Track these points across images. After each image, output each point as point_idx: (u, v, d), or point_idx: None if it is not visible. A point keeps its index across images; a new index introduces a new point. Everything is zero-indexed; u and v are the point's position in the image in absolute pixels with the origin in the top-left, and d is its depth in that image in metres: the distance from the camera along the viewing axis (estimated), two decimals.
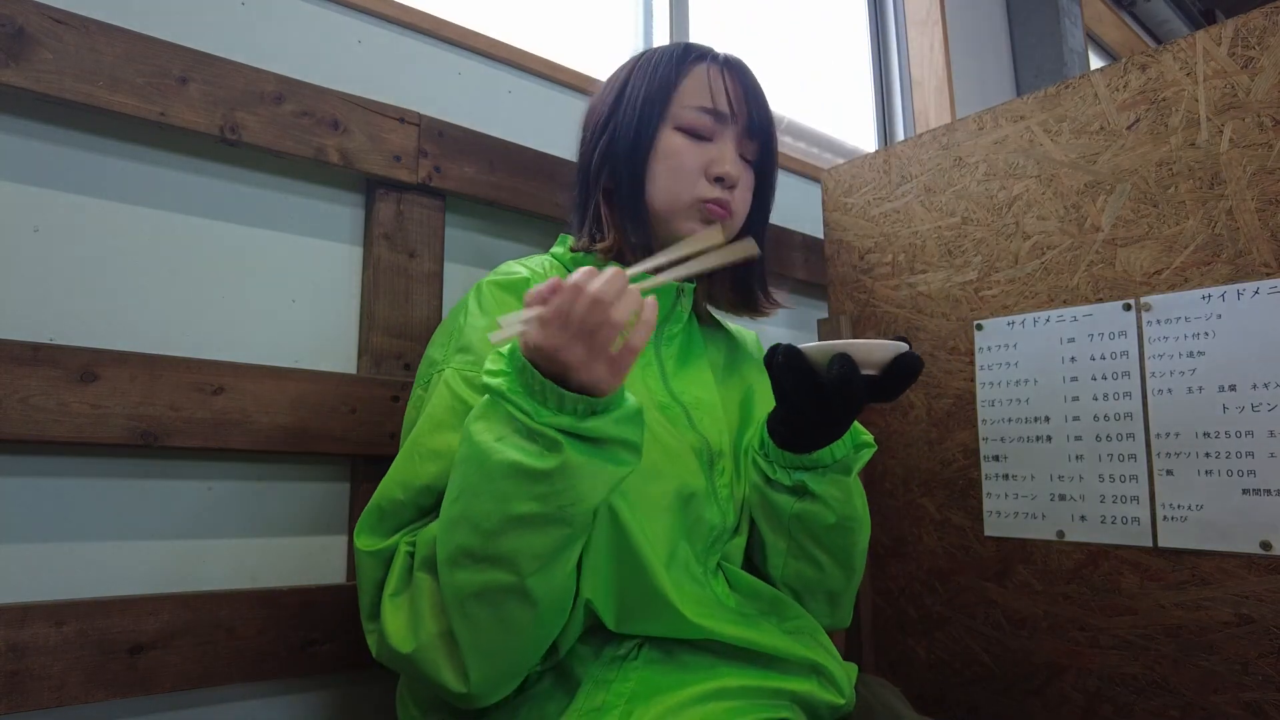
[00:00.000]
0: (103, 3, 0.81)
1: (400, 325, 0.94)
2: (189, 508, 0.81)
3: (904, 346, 0.67)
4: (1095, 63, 2.86)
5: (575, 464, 0.57)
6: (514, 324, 0.56)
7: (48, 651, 0.68)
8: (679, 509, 0.73)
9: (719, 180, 0.81)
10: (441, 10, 1.12)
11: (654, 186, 0.82)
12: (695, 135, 0.82)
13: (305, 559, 0.88)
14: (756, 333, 1.02)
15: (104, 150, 0.81)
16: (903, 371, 0.67)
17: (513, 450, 0.57)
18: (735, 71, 0.84)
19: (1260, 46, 0.92)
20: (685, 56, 0.84)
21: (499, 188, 1.03)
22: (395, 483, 0.68)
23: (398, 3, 1.04)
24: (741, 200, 0.84)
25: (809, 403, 0.70)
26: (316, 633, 0.82)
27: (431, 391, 0.72)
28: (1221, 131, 0.94)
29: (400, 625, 0.65)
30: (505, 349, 0.60)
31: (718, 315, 0.98)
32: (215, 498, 0.83)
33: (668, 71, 0.83)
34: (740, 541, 0.81)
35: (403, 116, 0.96)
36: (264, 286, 0.89)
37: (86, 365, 0.72)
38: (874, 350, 0.66)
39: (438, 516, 0.68)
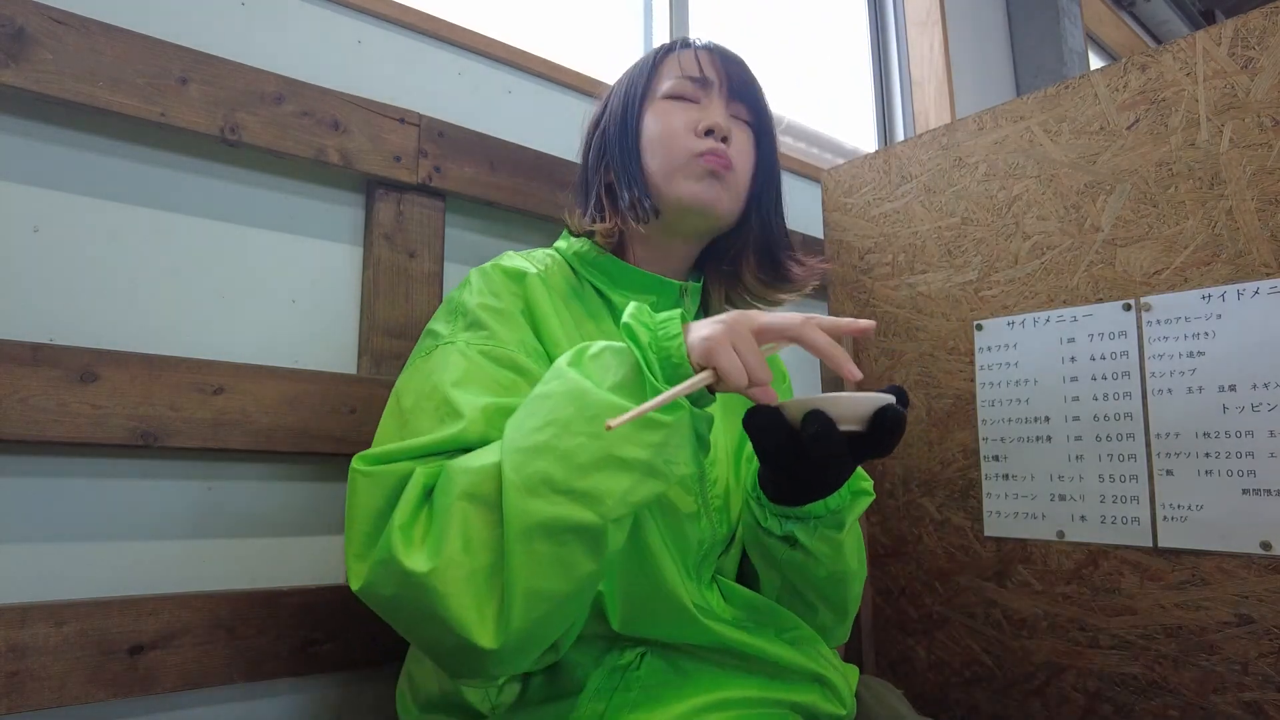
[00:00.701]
0: (103, 3, 0.81)
1: (400, 325, 0.94)
2: (189, 508, 0.81)
3: (887, 399, 0.62)
4: (1095, 63, 2.86)
5: (685, 425, 0.58)
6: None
7: (48, 651, 0.68)
8: (665, 528, 0.71)
9: (709, 134, 0.80)
10: (441, 10, 1.12)
11: (649, 155, 0.81)
12: (681, 98, 0.82)
13: (305, 559, 0.88)
14: None
15: (104, 150, 0.80)
16: (886, 426, 0.62)
17: (618, 395, 0.57)
18: (711, 49, 0.85)
19: (1260, 47, 0.92)
20: (662, 48, 0.86)
21: (499, 188, 1.03)
22: (411, 438, 0.62)
23: (398, 3, 1.04)
24: (741, 157, 0.82)
25: (791, 463, 0.66)
26: (316, 633, 0.82)
27: (439, 361, 0.68)
28: (1221, 131, 0.94)
29: (416, 551, 0.56)
30: (653, 321, 0.61)
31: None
32: (215, 498, 0.83)
33: (647, 60, 0.86)
34: (736, 554, 0.80)
35: (403, 117, 0.96)
36: (264, 286, 0.89)
37: (86, 365, 0.72)
38: (855, 405, 0.61)
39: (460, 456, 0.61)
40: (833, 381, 1.32)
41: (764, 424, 0.64)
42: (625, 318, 0.60)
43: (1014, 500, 1.08)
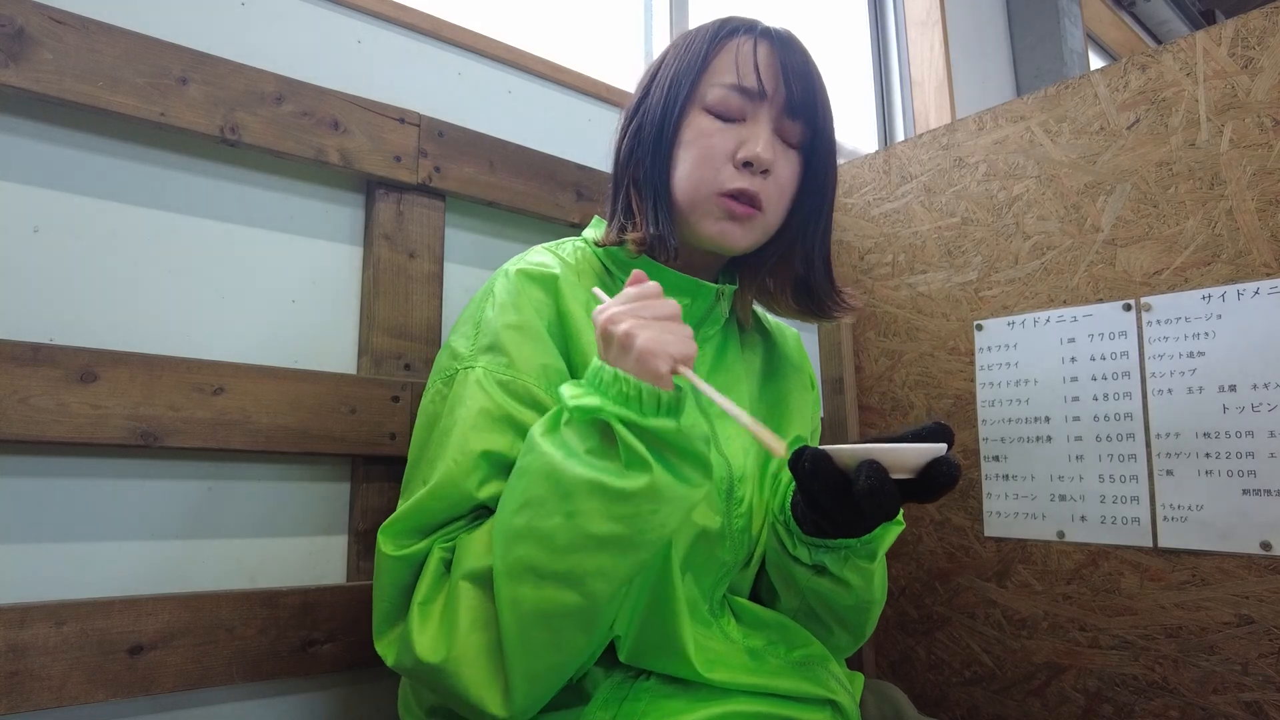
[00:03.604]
0: (103, 3, 0.80)
1: (400, 325, 0.94)
2: (189, 508, 0.81)
3: (941, 449, 0.61)
4: (1095, 63, 2.86)
5: (663, 484, 0.55)
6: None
7: (48, 652, 0.68)
8: (688, 547, 0.70)
9: (747, 166, 0.72)
10: (441, 10, 1.12)
11: (678, 175, 0.74)
12: (725, 117, 0.73)
13: (305, 559, 0.88)
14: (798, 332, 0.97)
15: (104, 150, 0.80)
16: (940, 481, 0.61)
17: (587, 468, 0.55)
18: (774, 42, 0.75)
19: (1260, 46, 0.92)
20: (720, 31, 0.76)
21: (499, 188, 1.03)
22: (429, 492, 0.65)
23: (398, 3, 1.04)
24: (776, 191, 0.74)
25: (838, 509, 0.65)
26: (316, 633, 0.82)
27: (459, 391, 0.67)
28: (1221, 132, 0.94)
29: (430, 634, 0.61)
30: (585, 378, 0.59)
31: (760, 311, 0.92)
32: (215, 498, 0.83)
33: (700, 47, 0.75)
34: (750, 573, 0.78)
35: (403, 116, 0.96)
36: (264, 286, 0.89)
37: (86, 365, 0.72)
38: (907, 455, 0.61)
39: (476, 522, 0.65)
40: (835, 381, 1.32)
41: (814, 470, 0.63)
42: (565, 399, 0.58)
43: (1014, 500, 1.08)
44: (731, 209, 0.72)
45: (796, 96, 0.73)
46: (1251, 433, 0.89)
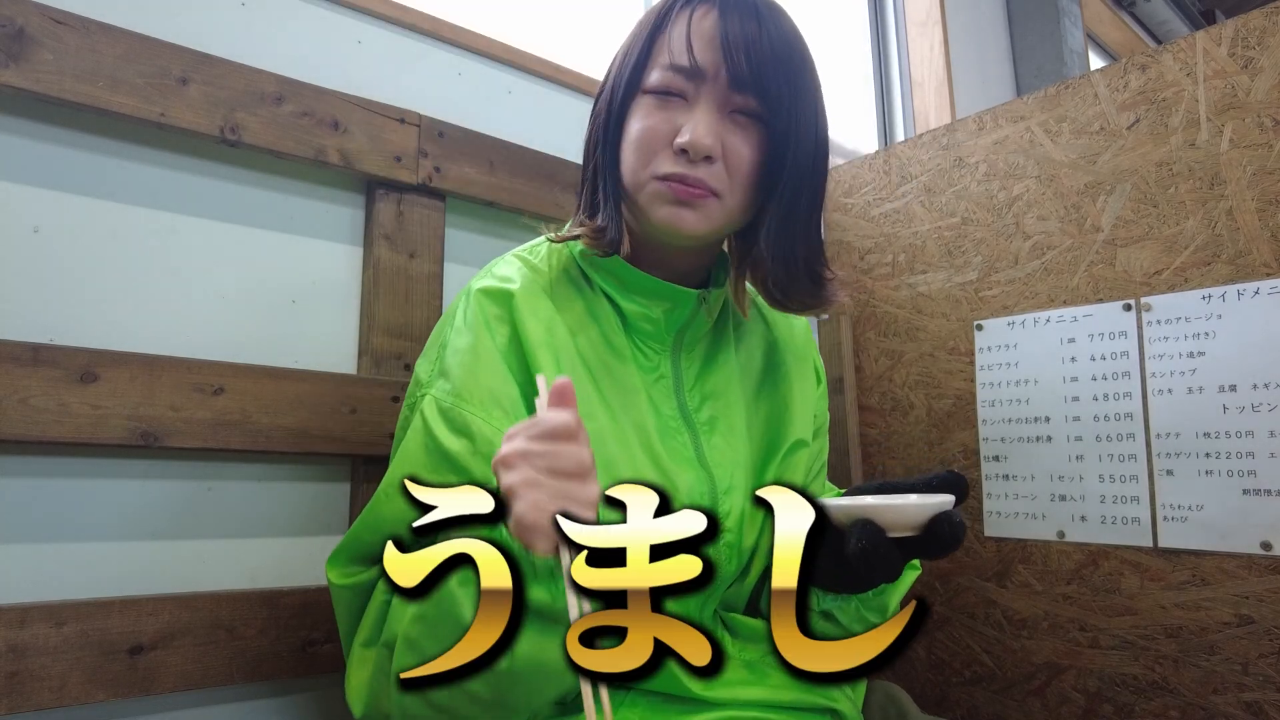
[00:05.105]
0: (103, 3, 0.80)
1: (400, 326, 0.94)
2: (189, 508, 0.81)
3: (945, 502, 0.56)
4: (1095, 63, 2.85)
5: (533, 671, 0.52)
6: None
7: (48, 652, 0.68)
8: None
9: (684, 152, 0.65)
10: (441, 10, 1.12)
11: (622, 163, 0.69)
12: (668, 98, 0.67)
13: (305, 559, 0.88)
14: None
15: (104, 150, 0.80)
16: (943, 539, 0.55)
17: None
18: (723, 10, 0.67)
19: (1260, 46, 0.92)
20: (670, 3, 0.70)
21: (499, 188, 1.03)
22: (364, 523, 0.66)
23: (398, 3, 1.04)
24: (731, 172, 0.67)
25: (833, 570, 0.60)
26: (316, 633, 0.82)
27: (414, 416, 0.67)
28: (1221, 132, 0.94)
29: (357, 681, 0.63)
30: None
31: (763, 303, 0.85)
32: (215, 498, 0.83)
33: (649, 22, 0.70)
34: (746, 586, 0.75)
35: (403, 117, 0.96)
36: (264, 286, 0.89)
37: (86, 365, 0.72)
38: (906, 513, 0.56)
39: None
40: (834, 381, 1.32)
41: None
42: None
43: (1014, 500, 1.08)
44: (675, 192, 0.66)
45: (742, 69, 0.65)
46: (1251, 433, 0.89)
